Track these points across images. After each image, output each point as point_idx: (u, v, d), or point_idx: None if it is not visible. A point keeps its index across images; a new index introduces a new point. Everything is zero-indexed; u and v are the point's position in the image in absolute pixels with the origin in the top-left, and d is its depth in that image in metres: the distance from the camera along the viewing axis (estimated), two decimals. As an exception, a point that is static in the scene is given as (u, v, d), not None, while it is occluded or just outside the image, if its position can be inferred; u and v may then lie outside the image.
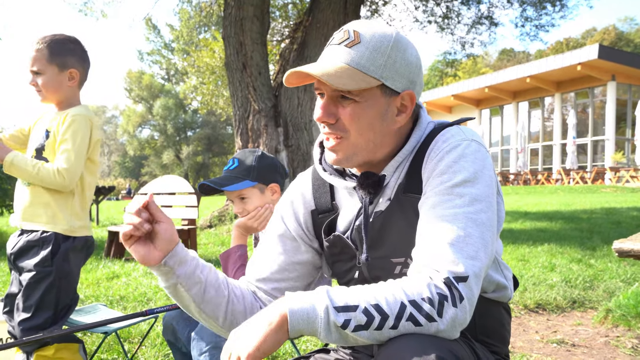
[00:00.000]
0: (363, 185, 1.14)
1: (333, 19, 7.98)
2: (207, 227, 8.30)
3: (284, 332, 0.89)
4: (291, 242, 1.27)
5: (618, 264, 4.78)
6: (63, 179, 1.92)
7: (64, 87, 2.01)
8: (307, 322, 0.88)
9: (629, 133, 23.78)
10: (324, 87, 1.09)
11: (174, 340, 1.89)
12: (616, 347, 2.80)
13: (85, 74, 2.08)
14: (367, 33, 1.07)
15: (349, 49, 1.07)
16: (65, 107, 2.04)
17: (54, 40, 1.98)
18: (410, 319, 0.89)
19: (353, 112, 1.08)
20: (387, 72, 1.07)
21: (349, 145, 1.11)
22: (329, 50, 1.10)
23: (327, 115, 1.09)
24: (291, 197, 1.30)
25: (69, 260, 1.99)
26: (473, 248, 0.96)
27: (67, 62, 1.99)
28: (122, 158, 58.41)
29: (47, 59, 1.95)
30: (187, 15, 16.09)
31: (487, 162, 1.07)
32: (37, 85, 1.97)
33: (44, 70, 1.96)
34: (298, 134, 7.99)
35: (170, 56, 48.85)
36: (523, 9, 11.53)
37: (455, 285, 0.92)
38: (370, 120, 1.09)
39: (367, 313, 0.88)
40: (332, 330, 0.88)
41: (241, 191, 1.85)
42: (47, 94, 1.99)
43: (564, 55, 22.79)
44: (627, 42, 46.00)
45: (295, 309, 0.89)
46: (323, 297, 0.90)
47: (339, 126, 1.10)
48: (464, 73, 44.16)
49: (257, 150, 1.93)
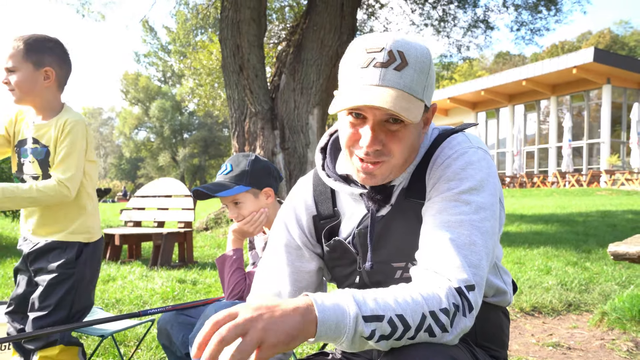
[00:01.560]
0: (373, 198, 1.13)
1: (330, 22, 7.99)
2: (203, 230, 8.28)
3: (310, 335, 0.84)
4: (296, 251, 1.26)
5: (613, 266, 4.80)
6: (67, 189, 1.87)
7: (38, 87, 1.90)
8: (335, 330, 0.85)
9: (624, 136, 23.89)
10: (370, 112, 1.02)
11: (169, 344, 1.88)
12: (612, 350, 2.81)
13: (63, 76, 1.98)
14: (410, 53, 1.01)
15: (400, 73, 1.00)
16: (48, 111, 1.95)
17: (33, 37, 1.89)
18: (428, 330, 0.89)
19: (403, 136, 1.04)
20: (428, 92, 1.05)
21: (388, 167, 1.07)
22: (378, 74, 1.01)
23: (378, 143, 1.03)
24: (293, 204, 1.29)
25: (89, 265, 2.00)
26: (477, 257, 0.97)
27: (43, 60, 1.89)
28: (118, 160, 58.28)
29: (23, 55, 1.86)
30: (183, 17, 16.07)
31: (492, 170, 1.08)
32: (9, 83, 1.87)
33: (18, 67, 1.86)
34: (295, 137, 7.99)
35: (167, 58, 48.82)
36: (518, 12, 11.58)
37: (466, 294, 0.93)
38: (413, 141, 1.07)
39: (392, 324, 0.87)
40: (356, 341, 0.86)
41: (235, 196, 1.84)
42: (20, 94, 1.89)
43: (560, 59, 22.90)
44: (622, 46, 46.26)
45: (326, 315, 0.84)
46: (351, 303, 0.87)
47: (384, 151, 1.04)
48: (460, 76, 44.29)
49: (251, 154, 1.92)
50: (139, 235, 5.88)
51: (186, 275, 4.80)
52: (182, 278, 4.61)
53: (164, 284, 4.33)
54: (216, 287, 4.32)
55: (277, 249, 1.27)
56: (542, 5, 11.22)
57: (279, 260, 1.26)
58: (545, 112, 27.01)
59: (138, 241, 6.24)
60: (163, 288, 4.17)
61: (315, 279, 1.28)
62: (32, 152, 1.95)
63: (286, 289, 1.24)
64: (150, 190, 6.02)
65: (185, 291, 4.11)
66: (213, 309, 1.67)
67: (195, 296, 3.99)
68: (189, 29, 16.90)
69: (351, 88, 1.02)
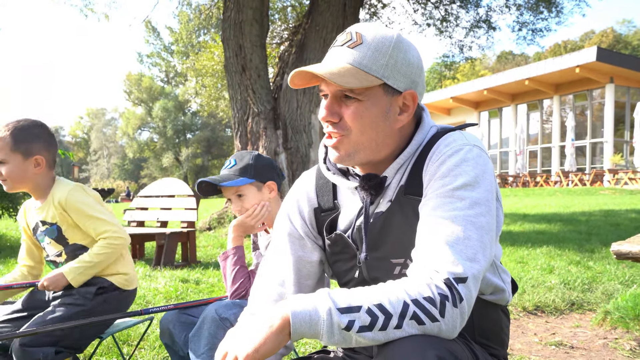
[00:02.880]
0: (365, 186, 1.16)
1: (332, 22, 7.99)
2: (206, 230, 8.30)
3: (285, 335, 0.89)
4: (299, 240, 1.29)
5: (616, 266, 4.79)
6: (119, 238, 1.97)
7: (29, 175, 1.93)
8: (310, 324, 0.88)
9: (627, 135, 23.82)
10: (327, 88, 1.12)
11: (171, 344, 1.89)
12: (614, 349, 2.81)
13: (52, 158, 2.01)
14: (368, 34, 1.10)
15: (352, 50, 1.09)
16: (42, 191, 2.01)
17: (17, 127, 1.91)
18: (414, 317, 0.89)
19: (356, 110, 1.10)
20: (389, 72, 1.09)
21: (350, 142, 1.12)
22: (332, 52, 1.13)
23: (330, 114, 1.11)
24: (296, 195, 1.32)
25: (105, 306, 2.00)
26: (472, 250, 0.97)
27: (31, 149, 1.92)
28: (122, 160, 58.41)
29: (11, 147, 1.88)
30: (186, 17, 16.12)
31: (488, 167, 1.08)
32: (1, 174, 1.90)
33: (7, 160, 1.88)
34: (297, 137, 8.00)
35: (170, 58, 48.94)
36: (520, 12, 11.55)
37: (455, 285, 0.93)
38: (372, 118, 1.11)
39: (370, 313, 0.88)
40: (335, 332, 0.88)
41: (239, 188, 1.87)
42: (12, 184, 1.92)
43: (563, 58, 22.83)
44: (625, 45, 46.11)
45: (298, 311, 0.89)
46: (325, 298, 0.90)
47: (341, 125, 1.12)
48: (462, 76, 44.23)
49: (254, 152, 1.96)
50: (142, 235, 5.89)
51: (189, 275, 4.81)
52: (185, 278, 4.62)
53: (167, 284, 4.34)
54: (219, 286, 4.33)
55: (281, 238, 1.31)
56: (543, 6, 11.18)
57: (283, 249, 1.29)
58: (548, 111, 26.93)
59: (141, 241, 6.27)
60: (166, 288, 4.18)
61: (316, 269, 1.30)
62: (46, 233, 2.02)
63: (290, 277, 1.27)
64: (153, 191, 6.04)
65: (189, 291, 4.12)
66: (213, 309, 1.68)
67: (198, 296, 4.00)
68: (191, 30, 16.95)
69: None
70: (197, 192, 1.90)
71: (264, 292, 1.28)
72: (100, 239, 1.97)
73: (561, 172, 23.19)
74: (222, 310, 1.67)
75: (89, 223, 1.97)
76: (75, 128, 65.51)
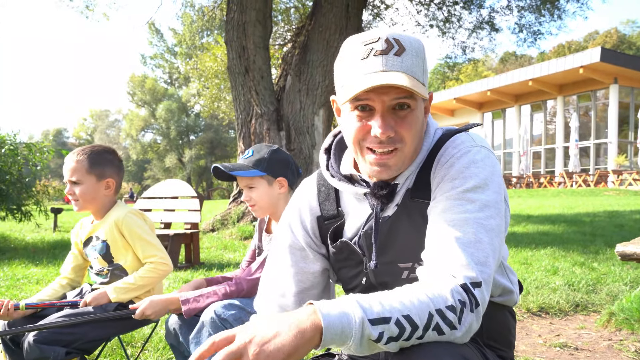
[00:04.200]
0: (376, 194, 1.13)
1: (335, 23, 8.00)
2: (209, 231, 8.30)
3: (314, 344, 0.85)
4: (300, 252, 1.27)
5: (621, 267, 4.77)
6: (165, 265, 2.08)
7: (100, 196, 2.09)
8: (341, 335, 0.85)
9: (631, 136, 23.73)
10: (377, 101, 1.04)
11: (177, 345, 1.90)
12: (619, 350, 2.80)
13: (120, 182, 2.18)
14: (405, 40, 1.06)
15: (400, 58, 1.04)
16: (104, 211, 2.14)
17: (94, 151, 2.09)
18: (436, 328, 0.89)
19: (411, 120, 1.06)
20: (425, 77, 1.09)
21: (402, 155, 1.08)
22: (380, 61, 1.03)
23: (389, 128, 1.04)
24: (298, 205, 1.30)
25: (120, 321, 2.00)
26: (483, 254, 0.97)
27: (105, 172, 2.09)
28: (125, 162, 58.45)
29: (87, 169, 2.04)
30: (189, 19, 16.15)
31: (497, 169, 1.08)
32: (74, 194, 2.05)
33: (82, 180, 2.04)
34: (300, 138, 8.00)
35: (173, 60, 49.03)
36: (521, 15, 11.52)
37: (472, 291, 0.93)
38: (419, 126, 1.09)
39: (399, 325, 0.87)
40: (363, 344, 0.86)
41: (249, 180, 1.89)
42: (84, 203, 2.07)
43: (566, 59, 22.77)
44: (629, 45, 45.98)
45: (331, 321, 0.84)
46: (356, 308, 0.86)
47: (396, 138, 1.06)
48: (465, 77, 44.18)
49: (274, 145, 1.98)
50: (146, 237, 5.89)
51: (193, 276, 4.82)
52: (188, 279, 4.63)
53: (170, 285, 4.35)
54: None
55: (282, 250, 1.28)
56: (545, 9, 11.14)
57: (284, 261, 1.27)
58: (551, 112, 26.87)
59: (145, 242, 6.26)
60: (170, 289, 4.19)
61: (320, 279, 1.28)
62: (96, 249, 2.13)
63: (291, 289, 1.25)
64: (156, 192, 6.05)
65: (192, 292, 4.13)
66: (212, 310, 1.69)
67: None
68: (195, 31, 16.98)
69: (355, 79, 1.04)
70: (213, 174, 1.94)
71: (266, 308, 1.28)
72: (147, 262, 2.07)
73: (565, 173, 23.13)
74: (221, 311, 1.68)
75: (139, 244, 2.07)
76: (79, 129, 65.70)
